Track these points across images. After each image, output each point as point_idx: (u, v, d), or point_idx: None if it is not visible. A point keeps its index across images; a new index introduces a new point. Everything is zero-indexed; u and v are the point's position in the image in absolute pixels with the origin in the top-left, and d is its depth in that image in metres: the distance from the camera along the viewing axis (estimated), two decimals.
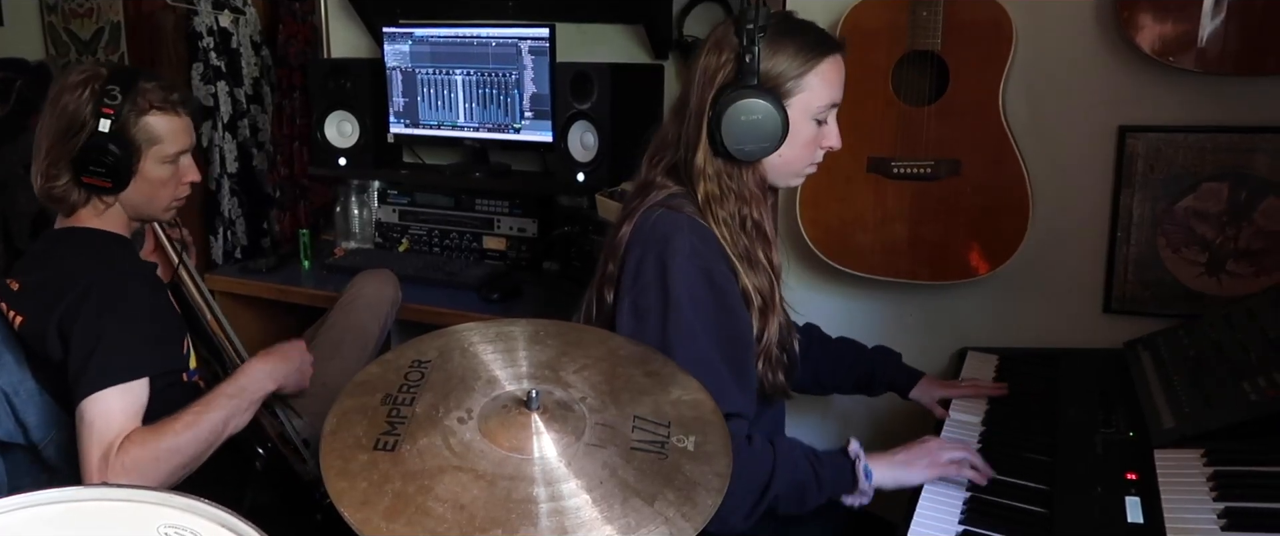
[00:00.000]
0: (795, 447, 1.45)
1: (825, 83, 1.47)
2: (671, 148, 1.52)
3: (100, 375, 1.52)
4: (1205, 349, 1.66)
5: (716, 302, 1.42)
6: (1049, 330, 2.05)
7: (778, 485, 1.39)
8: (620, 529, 1.02)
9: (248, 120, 3.21)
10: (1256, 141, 1.86)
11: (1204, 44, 1.79)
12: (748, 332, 1.47)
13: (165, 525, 1.00)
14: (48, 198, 1.70)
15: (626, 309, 1.44)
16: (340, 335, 2.18)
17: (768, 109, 1.41)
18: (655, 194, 1.50)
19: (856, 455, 1.43)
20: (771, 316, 1.50)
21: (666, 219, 1.45)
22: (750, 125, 1.42)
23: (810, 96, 1.46)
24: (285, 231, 3.19)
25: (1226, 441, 1.43)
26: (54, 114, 1.66)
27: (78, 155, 1.64)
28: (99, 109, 1.63)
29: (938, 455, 1.46)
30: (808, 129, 1.48)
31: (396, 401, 1.15)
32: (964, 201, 1.97)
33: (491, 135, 2.76)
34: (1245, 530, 1.22)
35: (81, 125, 1.63)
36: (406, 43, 2.79)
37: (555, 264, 2.68)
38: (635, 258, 1.45)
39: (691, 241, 1.42)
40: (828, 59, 1.47)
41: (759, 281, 1.48)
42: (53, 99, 1.67)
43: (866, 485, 1.43)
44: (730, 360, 1.42)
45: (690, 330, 1.39)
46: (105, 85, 1.64)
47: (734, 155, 1.44)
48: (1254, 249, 1.90)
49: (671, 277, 1.40)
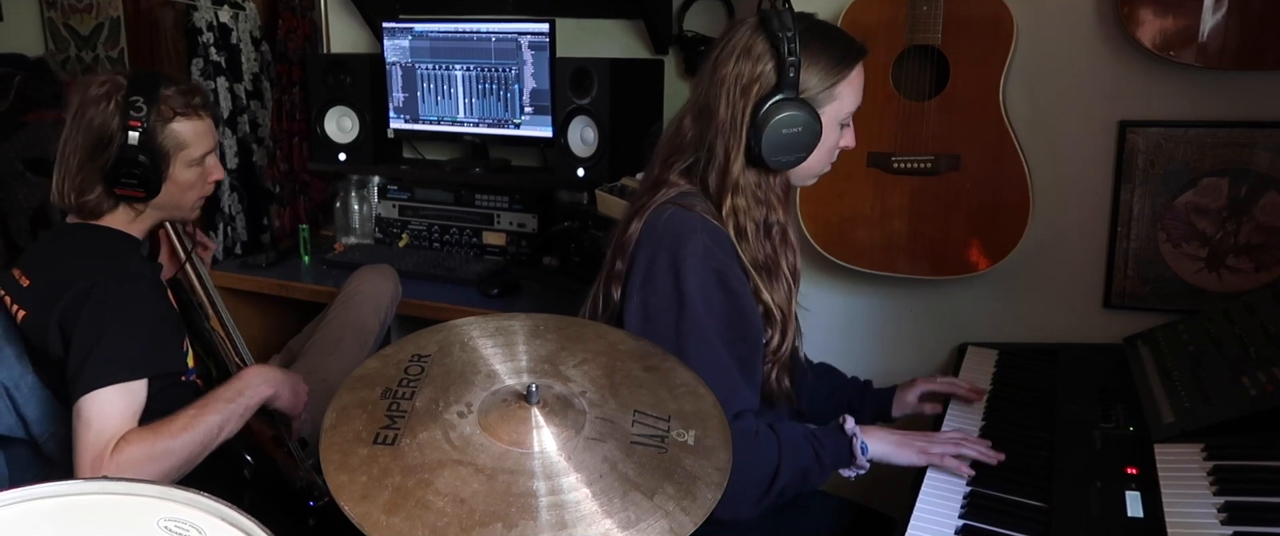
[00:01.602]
0: (796, 431, 1.46)
1: (853, 90, 1.48)
2: (691, 151, 1.49)
3: (99, 373, 1.52)
4: (1205, 344, 1.66)
5: (728, 303, 1.42)
6: (1049, 325, 2.05)
7: (785, 472, 1.40)
8: (620, 523, 1.02)
9: (248, 116, 3.20)
10: (1257, 137, 1.86)
11: (1205, 39, 1.78)
12: (758, 331, 1.47)
13: (166, 519, 1.00)
14: (80, 210, 1.71)
15: (636, 307, 1.43)
16: (340, 331, 2.17)
17: (808, 121, 1.42)
18: (666, 191, 1.48)
19: (852, 432, 1.46)
20: (789, 327, 1.51)
21: (678, 218, 1.44)
22: (791, 138, 1.42)
23: (841, 105, 1.48)
24: (285, 227, 3.19)
25: (1226, 436, 1.43)
26: (79, 129, 1.67)
27: (110, 169, 1.65)
28: (126, 122, 1.64)
29: (928, 445, 1.48)
30: (834, 135, 1.50)
31: (396, 396, 1.15)
32: (964, 196, 1.96)
33: (491, 130, 2.76)
34: (1246, 524, 1.22)
35: (110, 139, 1.65)
36: (406, 38, 2.79)
37: (555, 259, 2.68)
38: (646, 256, 1.44)
39: (704, 242, 1.41)
40: (857, 67, 1.48)
41: (778, 296, 1.49)
42: (77, 113, 1.67)
43: (862, 459, 1.46)
44: (741, 359, 1.42)
45: (703, 333, 1.39)
46: (128, 96, 1.65)
47: (771, 165, 1.45)
48: (1254, 244, 1.90)
49: (684, 279, 1.40)
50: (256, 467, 1.77)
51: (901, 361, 2.15)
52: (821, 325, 2.04)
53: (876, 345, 2.23)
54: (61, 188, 1.70)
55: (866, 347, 2.22)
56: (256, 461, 1.77)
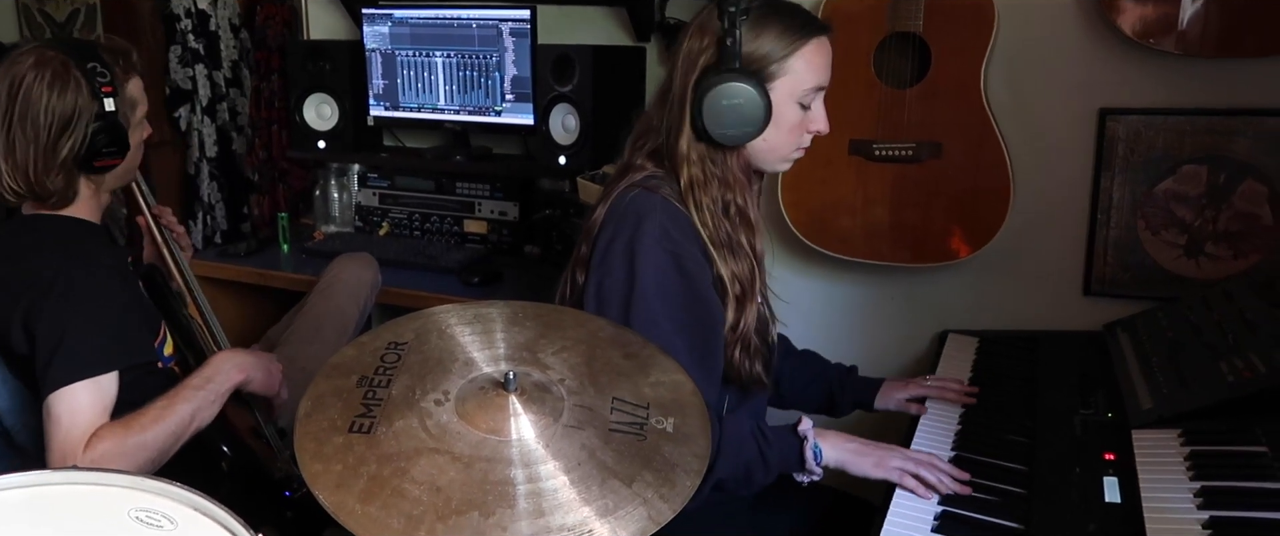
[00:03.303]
0: (743, 426, 1.43)
1: (809, 66, 1.45)
2: (655, 132, 1.50)
3: (67, 370, 1.47)
4: (1183, 331, 1.67)
5: (684, 288, 1.41)
6: (1029, 312, 2.06)
7: (723, 467, 1.37)
8: (598, 510, 1.01)
9: (227, 104, 3.17)
10: (1235, 124, 1.86)
11: (1184, 26, 1.79)
12: (717, 320, 1.45)
13: (137, 509, 0.99)
14: (43, 199, 1.61)
15: (591, 289, 1.43)
16: (319, 319, 2.16)
17: (750, 93, 1.40)
18: (633, 175, 1.48)
19: (805, 434, 1.42)
20: (749, 304, 1.47)
21: (640, 200, 1.44)
22: (732, 109, 1.40)
23: (794, 80, 1.45)
24: (264, 215, 3.16)
25: (1203, 422, 1.44)
26: (29, 116, 1.56)
27: (88, 144, 1.58)
28: (98, 90, 1.58)
29: (887, 458, 1.42)
30: (792, 113, 1.47)
31: (372, 384, 1.14)
32: (945, 184, 1.97)
33: (472, 118, 2.74)
34: (1221, 508, 1.23)
35: (77, 115, 1.57)
36: (386, 24, 2.76)
37: (537, 247, 2.67)
38: (606, 238, 1.44)
39: (662, 223, 1.41)
40: (812, 41, 1.45)
41: (739, 268, 1.46)
42: (21, 99, 1.56)
43: (814, 465, 1.41)
44: (693, 347, 1.40)
45: (651, 316, 1.37)
46: (82, 64, 1.58)
47: (717, 140, 1.43)
48: (1232, 231, 1.91)
49: (638, 261, 1.39)
50: (234, 459, 1.75)
51: (882, 349, 2.15)
52: (803, 313, 2.04)
53: (858, 333, 2.23)
54: (11, 181, 1.59)
55: (847, 335, 2.22)
56: (234, 453, 1.75)
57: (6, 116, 1.57)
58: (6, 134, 1.58)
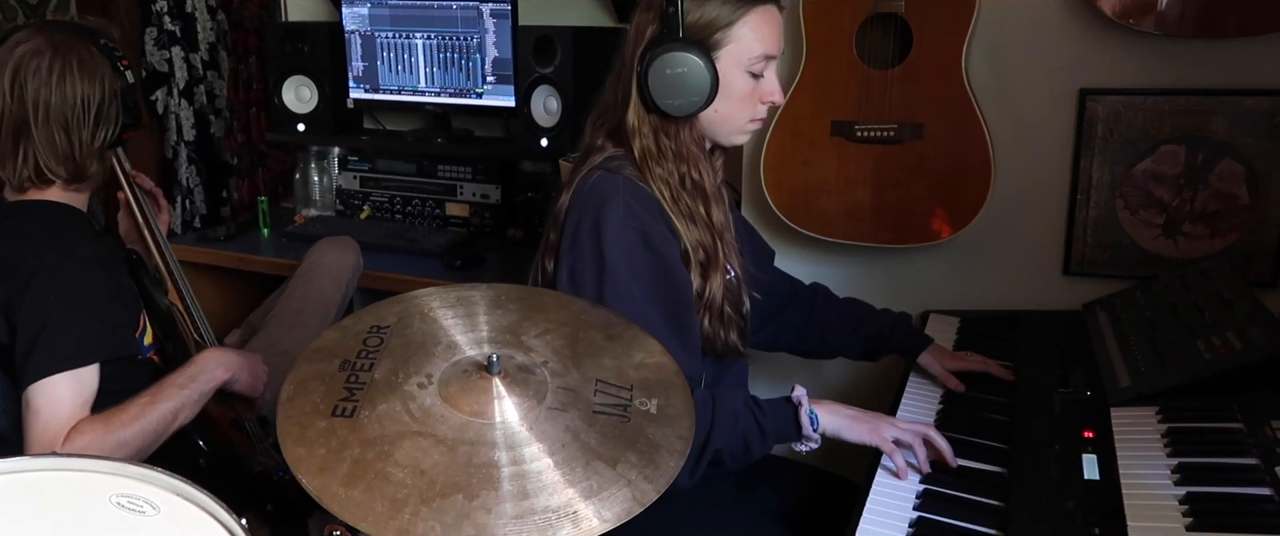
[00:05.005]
0: (736, 399, 1.43)
1: (756, 34, 1.45)
2: (611, 109, 1.51)
3: (47, 361, 1.46)
4: (1161, 310, 1.68)
5: (654, 264, 1.41)
6: (1009, 292, 2.07)
7: (718, 439, 1.37)
8: (582, 492, 1.01)
9: (204, 87, 3.14)
10: (1214, 104, 1.87)
11: (1164, 7, 1.79)
12: (688, 293, 1.45)
13: (118, 495, 0.98)
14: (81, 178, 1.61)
15: (564, 274, 1.44)
16: (301, 303, 2.15)
17: (694, 62, 1.40)
18: (595, 157, 1.49)
19: (799, 401, 1.42)
20: (713, 272, 1.47)
21: (603, 181, 1.44)
22: (676, 79, 1.41)
23: (740, 48, 1.44)
24: (244, 199, 3.14)
25: (1181, 399, 1.45)
26: (67, 103, 1.54)
27: (121, 122, 1.59)
28: (118, 66, 1.57)
29: (881, 427, 1.42)
30: (742, 82, 1.47)
31: (355, 367, 1.14)
32: (927, 165, 1.97)
33: (453, 100, 2.72)
34: (1198, 484, 1.24)
35: (105, 92, 1.56)
36: (365, 5, 2.74)
37: (519, 230, 2.66)
38: (573, 222, 1.44)
39: (626, 202, 1.41)
40: (758, 9, 1.45)
41: (700, 236, 1.47)
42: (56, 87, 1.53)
43: (811, 431, 1.41)
44: (670, 322, 1.40)
45: (625, 294, 1.38)
46: (96, 42, 1.57)
47: (665, 111, 1.43)
48: (1209, 211, 1.92)
49: (606, 242, 1.39)
50: (211, 454, 1.73)
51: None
52: None
53: None
54: (54, 168, 1.58)
55: None
56: (210, 447, 1.73)
57: (35, 108, 1.55)
58: (44, 126, 1.55)
